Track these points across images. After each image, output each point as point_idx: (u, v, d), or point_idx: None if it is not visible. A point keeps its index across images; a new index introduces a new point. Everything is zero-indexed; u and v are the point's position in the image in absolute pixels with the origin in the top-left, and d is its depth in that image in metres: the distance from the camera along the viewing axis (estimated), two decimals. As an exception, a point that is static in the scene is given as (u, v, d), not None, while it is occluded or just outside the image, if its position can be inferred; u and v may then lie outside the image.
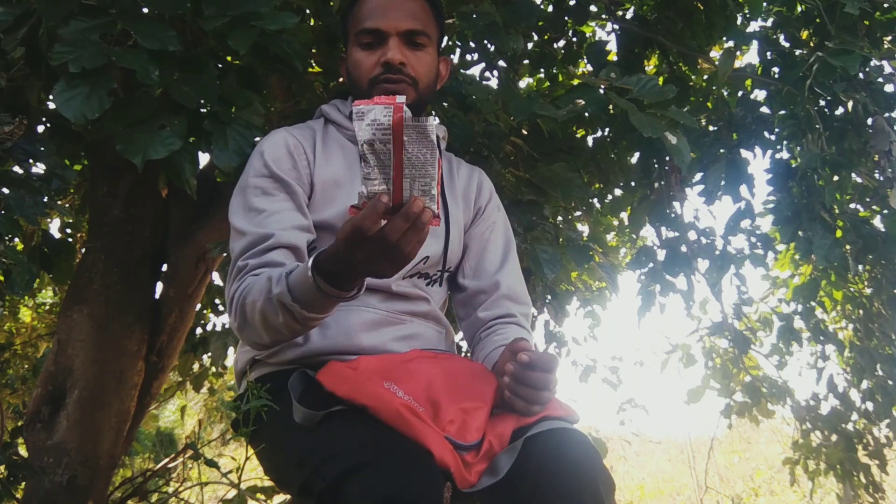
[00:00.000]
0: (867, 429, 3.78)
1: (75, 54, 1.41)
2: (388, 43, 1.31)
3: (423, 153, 0.91)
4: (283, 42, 1.65)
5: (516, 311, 1.41)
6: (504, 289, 1.42)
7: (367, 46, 1.34)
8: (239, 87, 1.70)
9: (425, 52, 1.35)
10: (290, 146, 1.34)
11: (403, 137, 0.90)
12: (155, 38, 1.49)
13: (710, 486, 5.00)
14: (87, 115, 1.40)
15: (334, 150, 1.39)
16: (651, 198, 2.93)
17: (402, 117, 0.90)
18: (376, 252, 0.96)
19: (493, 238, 1.48)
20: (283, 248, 1.21)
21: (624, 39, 2.73)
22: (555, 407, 1.15)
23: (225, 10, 1.58)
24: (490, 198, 1.53)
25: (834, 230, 2.50)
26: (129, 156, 1.48)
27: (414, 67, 1.33)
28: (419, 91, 1.34)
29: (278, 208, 1.26)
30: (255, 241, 1.22)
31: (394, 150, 0.90)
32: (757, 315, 4.21)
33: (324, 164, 1.36)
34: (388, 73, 1.31)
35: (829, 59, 2.19)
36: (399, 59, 1.30)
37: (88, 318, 2.17)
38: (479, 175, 1.55)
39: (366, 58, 1.34)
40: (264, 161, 1.31)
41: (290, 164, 1.32)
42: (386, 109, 0.90)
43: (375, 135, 0.90)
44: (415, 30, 1.33)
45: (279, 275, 1.10)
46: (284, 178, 1.29)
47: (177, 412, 5.02)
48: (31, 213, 1.52)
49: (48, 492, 2.05)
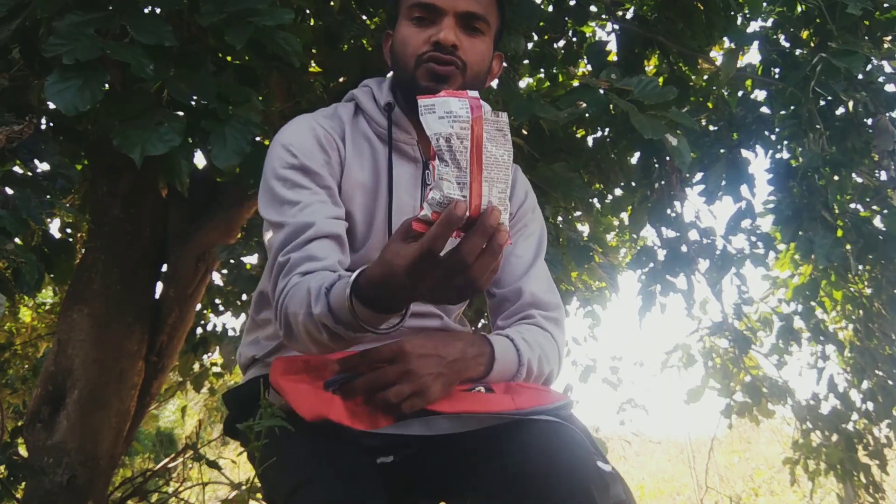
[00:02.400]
0: (867, 429, 3.78)
1: (69, 47, 1.40)
2: (443, 22, 1.18)
3: (500, 154, 0.79)
4: (280, 38, 1.64)
5: (536, 314, 1.27)
6: (527, 296, 1.27)
7: (419, 22, 1.20)
8: (236, 84, 1.70)
9: (481, 39, 1.21)
10: (321, 137, 1.22)
11: (483, 133, 0.78)
12: (151, 33, 1.49)
13: (710, 486, 5.00)
14: (79, 107, 1.40)
15: (363, 148, 1.26)
16: (651, 198, 2.93)
17: (480, 111, 0.78)
18: (445, 278, 0.82)
19: (522, 243, 1.34)
20: (325, 239, 1.12)
21: (624, 39, 2.73)
22: (544, 396, 1.08)
23: (222, 7, 1.57)
24: (525, 199, 1.38)
25: (835, 230, 2.50)
26: (127, 150, 1.47)
27: (466, 52, 1.19)
28: (466, 79, 1.19)
29: (313, 199, 1.16)
30: (295, 231, 1.12)
31: (472, 149, 0.78)
32: (757, 315, 4.21)
33: (354, 161, 1.24)
34: (437, 52, 1.17)
35: (832, 59, 2.19)
36: (452, 40, 1.16)
37: (88, 318, 2.17)
38: (512, 173, 1.36)
39: (416, 34, 1.20)
40: (291, 152, 1.19)
41: (322, 158, 1.21)
42: (461, 102, 0.79)
43: (454, 128, 0.77)
44: (475, 13, 1.19)
45: (318, 289, 0.99)
46: (316, 171, 1.19)
47: (177, 412, 5.03)
48: (37, 213, 1.52)
49: (48, 492, 2.05)
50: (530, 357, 1.14)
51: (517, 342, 1.14)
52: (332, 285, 0.98)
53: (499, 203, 0.79)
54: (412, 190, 1.24)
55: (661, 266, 2.94)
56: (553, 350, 1.21)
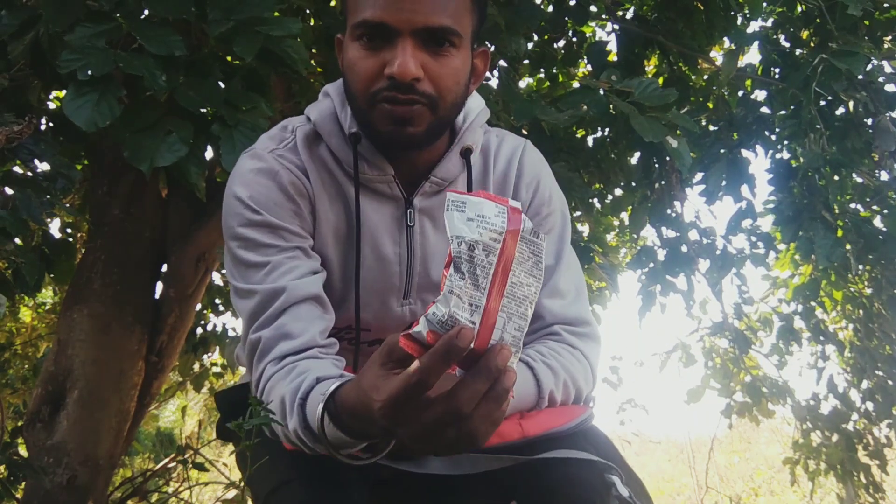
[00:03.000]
0: (867, 429, 3.79)
1: (83, 61, 1.41)
2: (398, 45, 0.90)
3: (528, 284, 0.66)
4: (287, 46, 1.65)
5: (562, 330, 1.05)
6: (548, 318, 1.05)
7: (368, 45, 0.92)
8: (244, 90, 1.70)
9: (453, 55, 0.93)
10: (286, 184, 1.00)
11: (515, 253, 0.65)
12: (161, 43, 1.49)
13: (710, 486, 5.01)
14: (99, 123, 1.41)
15: (328, 184, 1.03)
16: (651, 198, 2.93)
17: (519, 227, 0.65)
18: (435, 426, 0.66)
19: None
20: (300, 304, 0.95)
21: (624, 39, 2.73)
22: (559, 415, 0.96)
23: (229, 15, 1.58)
24: (537, 186, 1.10)
25: (835, 230, 2.50)
26: (137, 163, 1.48)
27: (434, 80, 0.92)
28: (438, 113, 0.94)
29: (281, 258, 0.98)
30: (265, 301, 0.96)
31: (497, 267, 0.64)
32: (757, 315, 4.21)
33: (323, 203, 1.03)
34: (393, 91, 0.90)
35: (833, 60, 2.19)
36: (411, 72, 0.89)
37: (88, 318, 2.17)
38: (518, 162, 1.11)
39: (365, 60, 0.92)
40: (252, 206, 0.99)
41: (290, 209, 1.00)
42: (498, 208, 0.66)
43: (482, 236, 0.64)
44: (439, 27, 0.90)
45: (292, 399, 0.85)
46: (284, 226, 0.99)
47: (177, 412, 5.03)
48: (38, 213, 1.52)
49: (48, 492, 2.04)
50: (553, 387, 0.97)
51: (538, 371, 0.97)
52: (307, 394, 0.84)
53: (512, 343, 0.65)
54: (395, 234, 1.03)
55: (661, 266, 2.94)
56: (583, 369, 1.03)
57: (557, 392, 0.98)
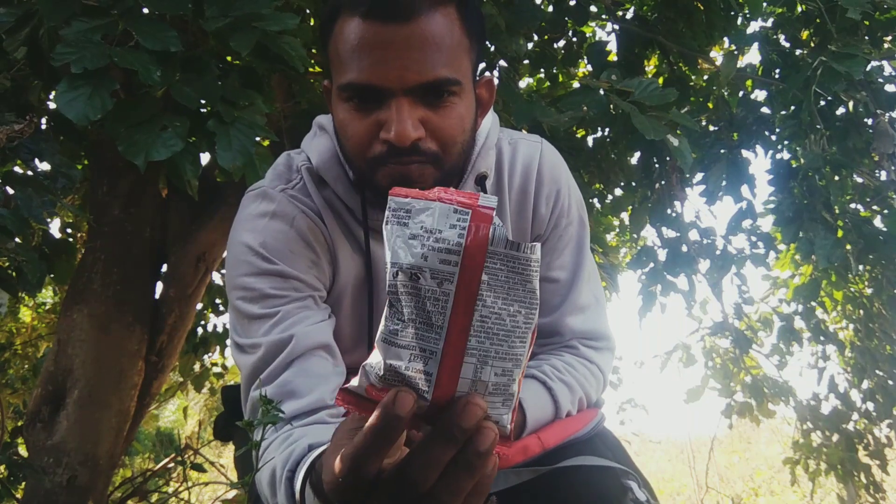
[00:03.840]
0: (868, 429, 3.79)
1: (77, 55, 1.41)
2: (392, 107, 0.81)
3: (511, 311, 0.49)
4: (284, 43, 1.65)
5: (579, 344, 1.01)
6: (567, 334, 1.01)
7: (359, 106, 0.84)
8: (241, 87, 1.70)
9: (455, 102, 0.85)
10: (304, 230, 0.93)
11: (482, 276, 0.47)
12: (156, 39, 1.49)
13: (710, 486, 5.01)
14: (90, 116, 1.40)
15: (342, 229, 0.98)
16: (652, 198, 2.93)
17: (486, 237, 0.48)
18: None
19: (555, 260, 1.04)
20: (310, 355, 0.88)
21: (624, 40, 2.73)
22: (572, 423, 0.93)
23: (226, 11, 1.58)
24: (555, 203, 1.04)
25: (835, 230, 2.50)
26: (131, 157, 1.48)
27: (436, 136, 0.84)
28: (444, 168, 0.86)
29: (290, 308, 0.90)
30: (269, 353, 0.88)
31: (456, 297, 0.47)
32: (757, 315, 4.21)
33: (342, 250, 0.96)
34: (394, 155, 0.83)
35: (832, 63, 2.19)
36: (410, 136, 0.81)
37: (88, 318, 2.17)
38: (537, 172, 1.03)
39: (358, 122, 0.84)
40: (264, 255, 0.91)
41: (308, 259, 0.93)
42: (457, 215, 0.48)
43: (428, 260, 0.47)
44: (435, 80, 0.82)
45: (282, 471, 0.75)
46: (299, 277, 0.92)
47: (177, 412, 5.03)
48: (39, 212, 1.53)
49: (48, 492, 2.04)
50: (570, 407, 0.95)
51: (556, 392, 0.93)
52: (296, 466, 0.74)
53: (493, 391, 0.49)
54: None
55: (661, 266, 2.94)
56: (596, 381, 1.02)
57: (574, 409, 0.96)
